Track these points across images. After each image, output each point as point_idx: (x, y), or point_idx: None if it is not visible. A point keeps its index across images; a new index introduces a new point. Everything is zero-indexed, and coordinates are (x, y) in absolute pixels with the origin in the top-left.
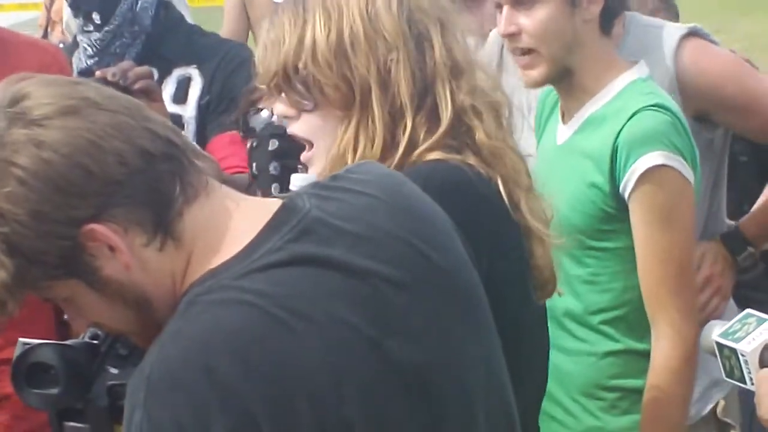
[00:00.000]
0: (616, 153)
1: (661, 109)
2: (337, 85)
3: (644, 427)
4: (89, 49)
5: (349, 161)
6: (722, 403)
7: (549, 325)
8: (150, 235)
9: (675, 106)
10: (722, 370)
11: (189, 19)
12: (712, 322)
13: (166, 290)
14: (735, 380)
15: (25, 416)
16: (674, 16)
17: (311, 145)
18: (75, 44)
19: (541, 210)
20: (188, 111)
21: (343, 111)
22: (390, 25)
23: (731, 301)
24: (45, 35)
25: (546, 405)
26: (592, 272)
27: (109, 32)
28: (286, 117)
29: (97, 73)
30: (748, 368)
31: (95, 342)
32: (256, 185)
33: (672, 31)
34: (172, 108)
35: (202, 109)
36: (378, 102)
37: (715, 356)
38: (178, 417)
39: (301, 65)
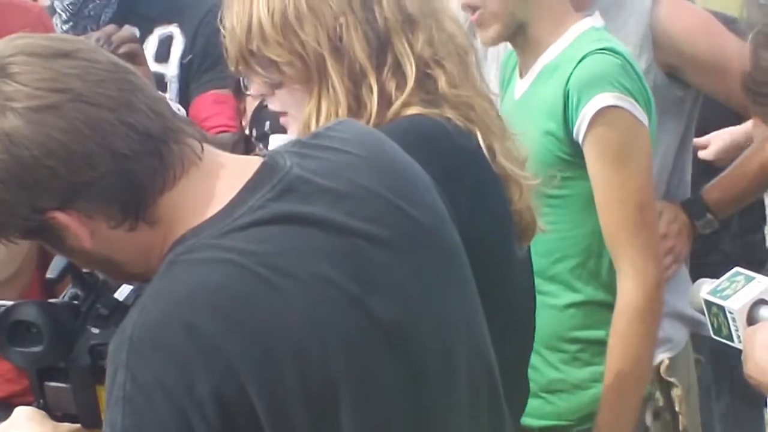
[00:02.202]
0: (568, 98)
1: (610, 52)
2: (291, 61)
3: (610, 368)
4: (63, 14)
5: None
6: (667, 362)
7: None
8: (118, 221)
9: (625, 50)
10: (710, 327)
11: None
12: (701, 280)
13: (141, 256)
14: (722, 338)
15: (13, 379)
16: None
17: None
18: (53, 11)
19: (515, 150)
20: (170, 70)
21: (305, 85)
22: None
23: (684, 270)
24: None
25: None
26: (551, 221)
27: None
28: (262, 95)
29: (81, 38)
30: (735, 326)
31: (76, 302)
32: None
33: None
34: (154, 67)
35: (185, 68)
36: (334, 69)
37: (703, 313)
38: (161, 376)
39: (254, 49)
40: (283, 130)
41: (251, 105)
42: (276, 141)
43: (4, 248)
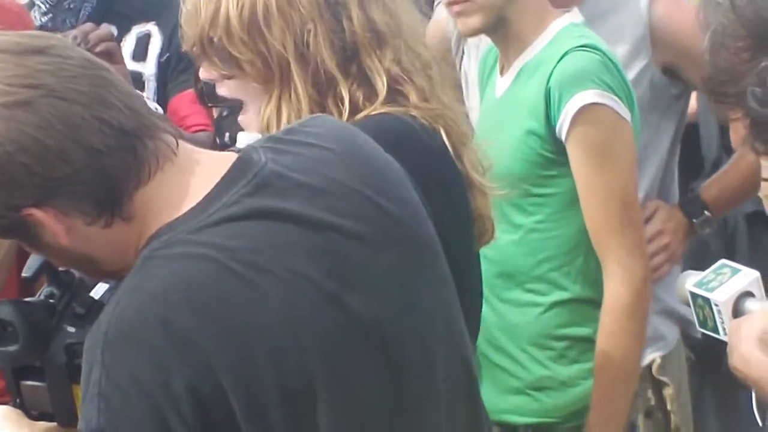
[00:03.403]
0: (549, 96)
1: (590, 49)
2: (252, 60)
3: (599, 367)
4: (42, 6)
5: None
6: (658, 360)
7: (498, 277)
8: (94, 218)
9: (605, 46)
10: (695, 319)
11: None
12: (687, 272)
13: (117, 252)
14: (708, 330)
15: None
16: None
17: (246, 108)
18: (32, 5)
19: (479, 161)
20: (148, 68)
21: (262, 84)
22: None
23: (678, 268)
24: None
25: (495, 356)
26: (537, 220)
27: None
28: (210, 80)
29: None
30: (721, 318)
31: (51, 301)
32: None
33: None
34: (132, 66)
35: (163, 67)
36: (298, 75)
37: (689, 305)
38: (137, 372)
39: (216, 39)
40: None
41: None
42: (243, 139)
43: None
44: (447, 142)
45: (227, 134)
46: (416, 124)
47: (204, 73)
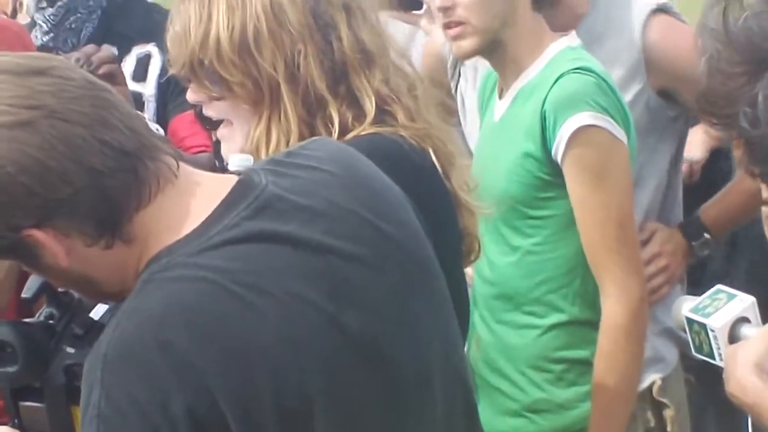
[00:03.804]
0: (545, 119)
1: (585, 71)
2: (242, 82)
3: (596, 388)
4: (44, 25)
5: (263, 156)
6: (659, 382)
7: (497, 299)
8: (94, 239)
9: (601, 68)
10: (691, 345)
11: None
12: (683, 297)
13: (117, 274)
14: (704, 356)
15: None
16: None
17: (228, 123)
18: (33, 24)
19: (465, 180)
20: (148, 89)
21: (252, 106)
22: (295, 17)
23: (679, 289)
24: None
25: (492, 378)
26: (535, 242)
27: (62, 7)
28: (198, 103)
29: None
30: (717, 344)
31: (51, 321)
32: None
33: (641, 6)
34: (132, 86)
35: (163, 87)
36: (288, 97)
37: (685, 331)
38: (135, 393)
39: (206, 62)
40: None
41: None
42: (235, 160)
43: None
44: (436, 162)
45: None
46: (406, 144)
47: (191, 95)
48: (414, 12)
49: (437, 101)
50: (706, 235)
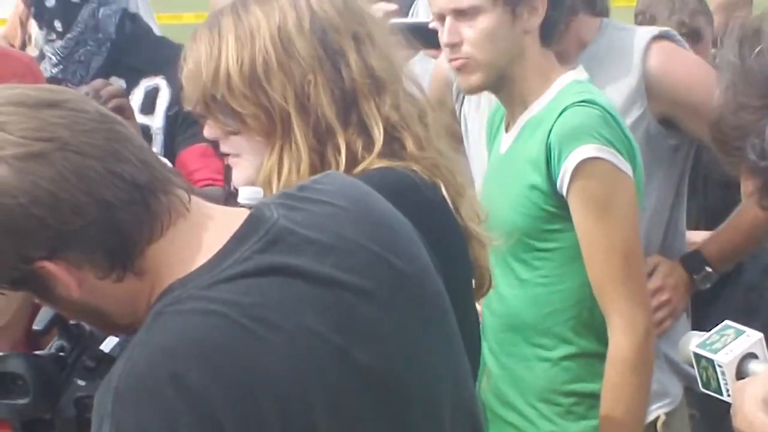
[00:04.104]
0: (550, 151)
1: (590, 104)
2: (255, 114)
3: (603, 419)
4: (53, 57)
5: (274, 188)
6: (663, 417)
7: (505, 332)
8: (106, 271)
9: (606, 101)
10: (699, 380)
11: (157, 33)
12: (691, 332)
13: (128, 307)
14: (711, 391)
15: None
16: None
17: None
18: (42, 56)
19: (475, 211)
20: (156, 122)
21: (266, 138)
22: (303, 47)
23: (684, 322)
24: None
25: (502, 411)
26: (542, 274)
27: (71, 39)
28: (215, 138)
29: None
30: (725, 379)
31: (62, 354)
32: (233, 201)
33: (643, 33)
34: (140, 119)
35: (170, 120)
36: (299, 126)
37: (693, 366)
38: (146, 426)
39: (218, 96)
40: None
41: None
42: (245, 193)
43: None
44: (447, 196)
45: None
46: (417, 178)
47: (208, 131)
48: None
49: (449, 130)
50: (708, 269)
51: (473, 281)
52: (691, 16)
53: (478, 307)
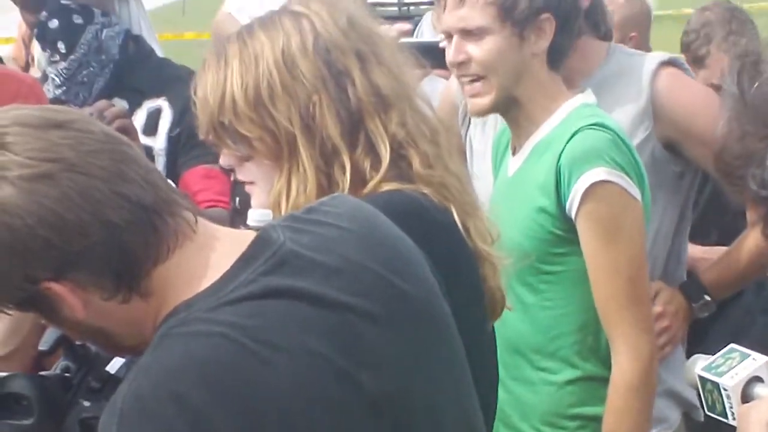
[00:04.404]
0: (560, 174)
1: (600, 128)
2: (261, 137)
3: None
4: (57, 78)
5: (283, 209)
6: None
7: (510, 355)
8: (111, 293)
9: (616, 124)
10: (704, 404)
11: (159, 54)
12: (696, 355)
13: (134, 328)
14: (716, 414)
15: None
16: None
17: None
18: (45, 78)
19: (486, 231)
20: (158, 143)
21: (274, 161)
22: (307, 68)
23: (680, 349)
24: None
25: None
26: (548, 297)
27: (75, 60)
28: (230, 166)
29: None
30: (730, 403)
31: (67, 374)
32: (239, 219)
33: (652, 57)
34: (142, 140)
35: (173, 141)
36: (305, 148)
37: (698, 389)
38: None
39: (226, 122)
40: (249, 204)
41: None
42: (254, 215)
43: (7, 323)
44: (457, 218)
45: (237, 198)
46: (426, 201)
47: (224, 160)
48: None
49: (461, 150)
50: (707, 297)
51: (486, 303)
52: (749, 39)
53: None
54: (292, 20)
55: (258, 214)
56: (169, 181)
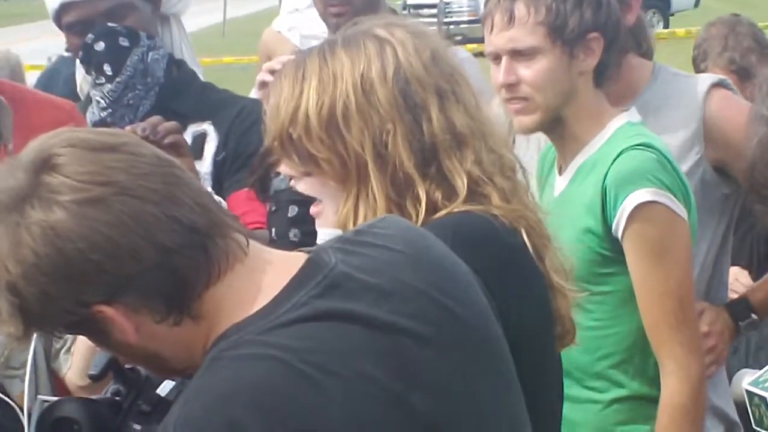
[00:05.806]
0: (606, 195)
1: (646, 148)
2: (329, 159)
3: None
4: (102, 101)
5: None
6: None
7: None
8: (163, 316)
9: (662, 144)
10: (752, 418)
11: (201, 78)
12: (743, 370)
13: (185, 351)
14: (764, 429)
15: None
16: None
17: (319, 201)
18: (88, 101)
19: (561, 264)
20: (204, 167)
21: (339, 184)
22: (384, 97)
23: (723, 368)
24: None
25: None
26: (595, 317)
27: (120, 83)
28: (290, 176)
29: (128, 128)
30: None
31: (117, 398)
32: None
33: (703, 78)
34: None
35: (218, 165)
36: (376, 176)
37: (745, 404)
38: None
39: (295, 136)
40: (285, 235)
41: None
42: (323, 235)
43: (87, 352)
44: (528, 242)
45: (273, 230)
46: (496, 223)
47: (284, 169)
48: None
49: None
50: (754, 316)
51: (556, 332)
52: (742, 55)
53: None
54: (377, 46)
55: (327, 235)
56: (222, 201)
